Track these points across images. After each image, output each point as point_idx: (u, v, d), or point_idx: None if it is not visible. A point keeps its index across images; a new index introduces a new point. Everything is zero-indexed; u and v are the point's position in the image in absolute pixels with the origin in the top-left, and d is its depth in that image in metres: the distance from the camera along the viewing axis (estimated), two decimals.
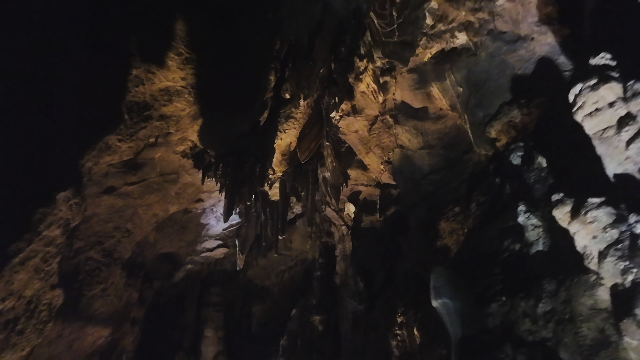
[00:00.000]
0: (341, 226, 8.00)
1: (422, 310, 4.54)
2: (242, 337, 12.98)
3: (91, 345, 6.71)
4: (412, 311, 4.73)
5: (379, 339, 5.49)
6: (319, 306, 8.45)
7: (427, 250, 5.23)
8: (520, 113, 4.17)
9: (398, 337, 4.81)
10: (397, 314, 5.03)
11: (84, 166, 4.28)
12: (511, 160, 3.59)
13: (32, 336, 3.64)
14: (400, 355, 4.69)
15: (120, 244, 6.71)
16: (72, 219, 3.90)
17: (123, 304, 7.09)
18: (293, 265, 11.46)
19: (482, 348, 2.65)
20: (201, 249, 9.74)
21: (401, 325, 4.81)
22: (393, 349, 4.87)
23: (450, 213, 4.85)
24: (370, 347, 5.65)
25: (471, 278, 3.28)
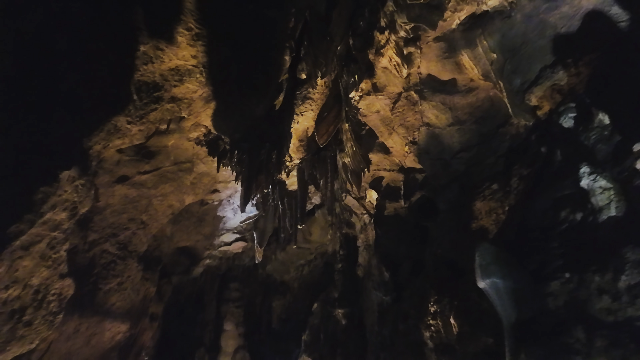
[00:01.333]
0: (363, 215, 7.62)
1: (459, 298, 4.13)
2: (262, 334, 12.79)
3: (109, 341, 6.55)
4: (447, 299, 4.32)
5: (409, 330, 5.09)
6: (341, 299, 8.09)
7: (461, 233, 4.81)
8: (567, 74, 3.72)
9: (432, 327, 4.41)
10: (429, 303, 4.63)
11: (92, 149, 4.04)
12: (562, 124, 3.15)
13: (42, 328, 3.42)
14: (435, 346, 4.29)
15: (136, 236, 6.52)
16: (80, 203, 3.66)
17: (140, 298, 6.90)
18: (313, 259, 11.14)
19: (544, 333, 2.25)
20: (219, 242, 9.53)
21: (435, 314, 4.41)
22: (426, 341, 4.48)
23: (487, 191, 4.42)
24: (399, 339, 5.26)
25: (521, 256, 2.87)
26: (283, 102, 6.48)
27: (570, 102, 3.20)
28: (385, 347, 5.67)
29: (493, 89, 4.77)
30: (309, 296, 11.50)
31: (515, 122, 4.45)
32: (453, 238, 4.99)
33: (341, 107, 6.43)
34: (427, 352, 4.46)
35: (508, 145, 4.54)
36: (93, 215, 5.87)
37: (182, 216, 7.82)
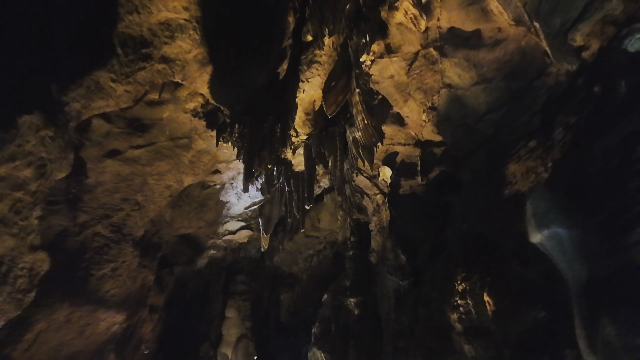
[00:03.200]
0: (375, 195, 7.05)
1: (493, 272, 3.56)
2: (270, 328, 12.28)
3: (105, 332, 6.09)
4: (477, 275, 3.75)
5: (432, 315, 4.53)
6: (353, 288, 7.54)
7: (491, 204, 4.23)
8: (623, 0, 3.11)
9: (460, 308, 3.84)
10: (455, 282, 4.06)
11: (70, 106, 3.55)
12: (626, 49, 2.57)
13: (8, 307, 2.93)
14: (465, 329, 3.72)
15: (131, 218, 6.04)
16: (51, 162, 3.16)
17: (137, 286, 6.43)
18: (322, 249, 10.59)
19: (634, 293, 1.68)
20: (223, 231, 9.04)
21: (463, 293, 3.83)
22: (454, 324, 3.91)
23: (522, 151, 3.83)
24: (420, 325, 4.69)
25: (582, 207, 2.29)
26: (287, 70, 5.95)
27: (635, 23, 2.60)
28: (404, 335, 5.10)
29: (525, 37, 4.18)
30: (319, 288, 10.96)
31: (554, 70, 3.86)
32: (481, 210, 4.41)
33: (351, 76, 5.86)
34: (454, 337, 3.90)
35: (545, 99, 3.94)
36: (82, 193, 5.41)
37: (182, 200, 7.33)
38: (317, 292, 10.89)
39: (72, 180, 5.34)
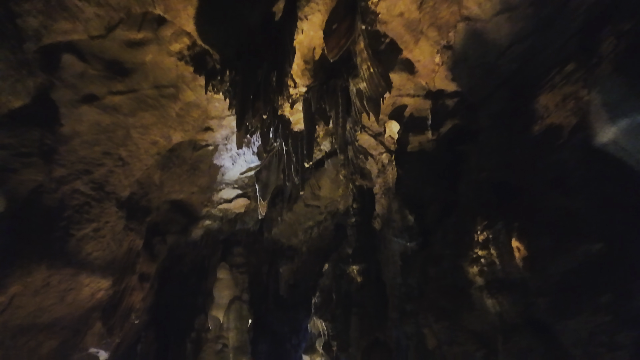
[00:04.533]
0: (381, 155, 6.53)
1: (522, 216, 3.06)
2: (269, 302, 11.96)
3: (89, 298, 5.67)
4: (502, 223, 3.26)
5: (444, 273, 4.07)
6: (356, 255, 7.09)
7: (515, 146, 3.71)
8: None
9: (481, 260, 3.37)
10: (475, 233, 3.57)
11: (24, 20, 2.99)
12: None
13: None
14: (487, 282, 3.27)
15: (114, 175, 5.55)
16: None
17: (124, 251, 5.98)
18: (322, 220, 10.11)
19: None
20: (218, 199, 8.54)
21: (485, 244, 3.36)
22: (473, 278, 3.45)
23: (556, 78, 3.29)
24: (431, 286, 4.24)
25: None
26: (284, 9, 5.34)
27: None
28: (412, 298, 4.67)
29: None
30: (319, 261, 10.59)
31: None
32: (502, 155, 3.90)
33: (355, 18, 5.27)
34: (473, 293, 3.44)
35: (583, 19, 3.37)
36: (58, 145, 4.89)
37: (172, 162, 6.81)
38: (318, 264, 10.52)
39: (46, 130, 4.83)
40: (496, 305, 3.11)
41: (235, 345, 4.88)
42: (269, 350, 11.07)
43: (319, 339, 6.59)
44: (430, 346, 4.02)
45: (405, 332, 4.60)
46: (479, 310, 3.32)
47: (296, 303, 11.30)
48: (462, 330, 3.44)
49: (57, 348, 5.37)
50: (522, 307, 2.93)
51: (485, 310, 3.24)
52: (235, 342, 4.80)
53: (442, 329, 3.72)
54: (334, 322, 6.42)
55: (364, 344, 5.66)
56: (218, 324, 5.30)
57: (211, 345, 4.73)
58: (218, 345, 4.71)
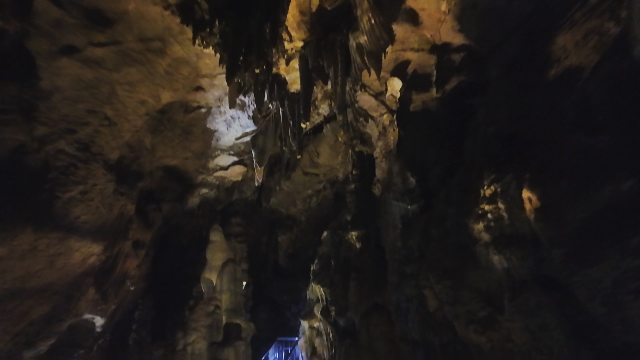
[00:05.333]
0: (382, 116, 6.22)
1: (536, 165, 2.81)
2: (268, 272, 11.94)
3: (80, 263, 5.50)
4: (512, 175, 3.01)
5: (447, 233, 3.87)
6: (355, 221, 6.92)
7: (528, 94, 3.41)
8: None
9: (488, 215, 3.15)
10: (481, 188, 3.33)
11: None
12: None
13: None
14: (494, 238, 3.06)
15: (100, 135, 5.27)
16: None
17: (115, 215, 5.77)
18: (321, 189, 9.91)
19: None
20: (214, 166, 8.28)
21: (493, 198, 3.13)
22: (478, 235, 3.24)
23: (577, 15, 2.94)
24: (432, 246, 4.04)
25: None
26: None
27: None
28: (413, 260, 4.49)
29: None
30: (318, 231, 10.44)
31: None
32: (514, 105, 3.60)
33: None
34: (479, 250, 3.24)
35: None
36: (37, 101, 4.60)
37: (163, 125, 6.52)
38: (317, 234, 10.38)
39: (24, 85, 4.53)
40: (503, 262, 2.91)
41: (228, 308, 4.75)
42: (269, 319, 11.14)
43: (318, 304, 6.50)
44: (431, 307, 3.87)
45: (405, 295, 4.45)
46: (485, 268, 3.13)
47: (295, 272, 11.27)
48: (466, 289, 3.27)
49: (49, 313, 5.25)
50: (532, 263, 2.73)
51: (491, 267, 3.05)
52: (229, 305, 4.67)
53: (444, 289, 3.55)
54: (332, 288, 6.31)
55: (362, 308, 5.55)
56: (211, 286, 5.17)
57: (203, 307, 4.60)
58: (210, 307, 4.58)
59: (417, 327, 4.18)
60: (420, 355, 4.10)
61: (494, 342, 2.96)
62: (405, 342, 4.59)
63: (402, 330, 4.70)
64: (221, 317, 4.56)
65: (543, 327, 2.62)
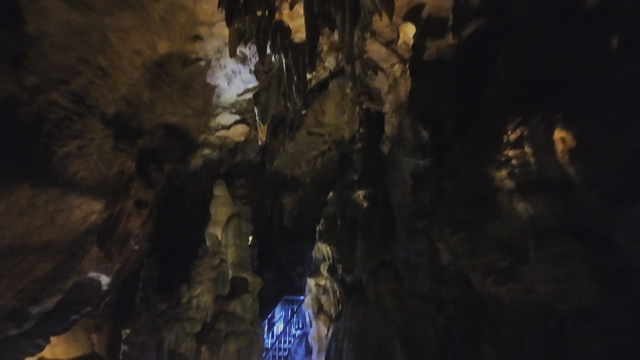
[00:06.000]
0: (392, 68, 5.86)
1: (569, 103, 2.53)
2: (274, 234, 11.94)
3: (82, 221, 5.39)
4: (541, 115, 2.74)
5: (463, 184, 3.66)
6: (362, 180, 6.72)
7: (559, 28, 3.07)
8: None
9: (512, 161, 2.91)
10: (504, 134, 3.07)
11: None
12: None
13: None
14: (519, 185, 2.84)
15: (95, 87, 4.99)
16: None
17: (115, 172, 5.60)
18: (326, 150, 9.62)
19: None
20: (215, 125, 8.01)
21: (519, 142, 2.88)
22: (500, 183, 3.02)
23: None
24: (447, 199, 3.84)
25: None
26: None
27: None
28: (424, 215, 4.31)
29: None
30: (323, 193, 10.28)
31: None
32: (540, 46, 3.26)
33: None
34: (500, 199, 3.03)
35: None
36: (25, 47, 4.30)
37: (161, 79, 6.20)
38: (322, 196, 10.22)
39: (9, 30, 4.22)
40: (529, 209, 2.71)
41: (234, 262, 4.65)
42: (274, 279, 11.26)
43: (324, 262, 6.43)
44: (444, 261, 3.74)
45: (415, 250, 4.32)
46: (506, 217, 2.94)
47: (300, 234, 11.25)
48: (484, 240, 3.10)
49: (52, 270, 5.20)
50: (561, 209, 2.53)
51: (514, 216, 2.86)
52: (235, 259, 4.57)
53: (459, 241, 3.39)
54: (338, 246, 6.21)
55: (370, 265, 5.46)
56: (216, 241, 5.05)
57: (208, 261, 4.50)
58: (215, 261, 4.47)
59: (427, 282, 4.07)
60: (430, 309, 4.02)
61: (515, 293, 2.82)
62: (414, 298, 4.51)
63: (411, 285, 4.61)
64: (227, 271, 4.47)
65: (571, 276, 2.46)
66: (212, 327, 3.88)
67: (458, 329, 3.62)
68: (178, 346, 3.81)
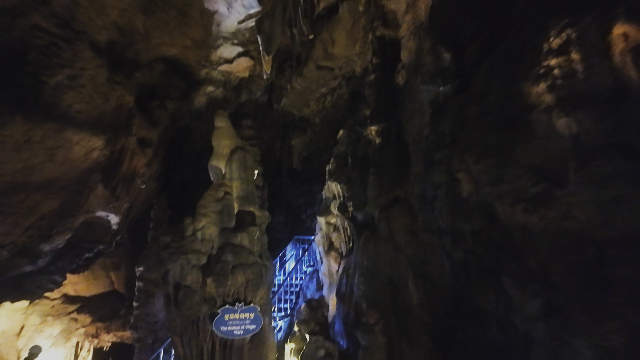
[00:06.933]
0: None
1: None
2: (284, 176, 11.79)
3: (83, 158, 5.18)
4: (593, 14, 2.27)
5: (490, 108, 3.27)
6: (374, 115, 6.30)
7: None
8: None
9: (554, 72, 2.49)
10: (545, 41, 2.61)
11: None
12: None
13: None
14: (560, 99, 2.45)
15: (80, 10, 4.54)
16: None
17: (112, 107, 5.29)
18: (336, 87, 9.07)
19: None
20: (217, 58, 7.50)
21: (563, 48, 2.44)
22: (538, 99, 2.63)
23: None
24: (470, 125, 3.47)
25: None
26: None
27: None
28: (443, 145, 3.96)
29: None
30: (333, 134, 9.89)
31: None
32: None
33: None
34: (536, 117, 2.65)
35: None
36: None
37: (155, 4, 5.65)
38: (332, 137, 9.85)
39: None
40: (572, 126, 2.35)
41: (240, 195, 4.46)
42: (285, 221, 11.28)
43: (334, 201, 6.25)
44: (464, 193, 3.46)
45: (432, 183, 4.04)
46: (542, 138, 2.59)
47: (310, 176, 11.05)
48: (514, 165, 2.78)
49: (58, 208, 5.12)
50: (611, 124, 2.17)
51: (552, 135, 2.51)
52: (241, 192, 4.38)
53: (483, 169, 3.08)
54: (349, 184, 5.97)
55: (382, 201, 5.24)
56: (220, 174, 4.84)
57: (211, 194, 4.32)
58: (219, 193, 4.29)
59: (444, 216, 3.84)
60: (447, 243, 3.83)
61: (547, 221, 2.56)
62: (428, 232, 4.32)
63: (425, 220, 4.40)
64: (232, 204, 4.30)
65: (618, 199, 2.17)
66: (219, 259, 3.78)
67: (476, 263, 3.44)
68: (183, 278, 3.73)
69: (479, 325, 3.38)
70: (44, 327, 8.76)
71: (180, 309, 3.73)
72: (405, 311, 4.51)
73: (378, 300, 4.75)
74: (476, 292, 3.39)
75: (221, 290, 3.64)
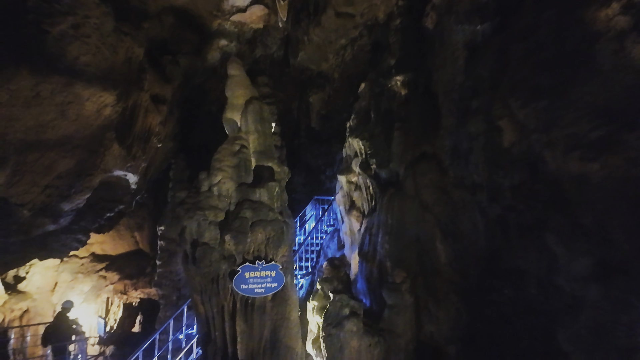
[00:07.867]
0: None
1: None
2: (302, 137, 11.47)
3: (95, 115, 4.99)
4: None
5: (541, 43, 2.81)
6: (400, 65, 5.81)
7: None
8: None
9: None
10: None
11: None
12: None
13: None
14: (635, 23, 2.01)
15: None
16: None
17: (122, 59, 5.01)
18: (357, 37, 8.42)
19: None
20: (230, 8, 7.03)
21: None
22: (605, 26, 2.18)
23: None
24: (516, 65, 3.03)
25: None
26: None
27: None
28: (481, 91, 3.54)
29: None
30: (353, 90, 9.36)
31: None
32: None
33: None
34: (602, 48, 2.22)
35: None
36: None
37: None
38: (352, 94, 9.33)
39: None
40: None
41: (257, 150, 4.22)
42: (304, 182, 11.09)
43: (356, 158, 5.95)
44: (505, 143, 3.11)
45: (468, 134, 3.67)
46: (610, 72, 2.19)
47: (329, 136, 10.68)
48: (570, 107, 2.40)
49: (74, 167, 5.02)
50: None
51: (621, 69, 2.10)
52: (258, 146, 4.13)
53: (532, 113, 2.70)
54: (372, 140, 5.63)
55: (408, 157, 4.91)
56: (235, 127, 4.58)
57: (226, 147, 4.09)
58: (235, 147, 4.05)
59: (480, 170, 3.51)
60: (482, 200, 3.53)
61: (611, 169, 2.22)
62: (460, 189, 4.00)
63: (457, 176, 4.07)
64: (249, 158, 4.06)
65: None
66: (237, 215, 3.60)
67: (516, 220, 3.15)
68: (200, 235, 3.60)
69: (516, 286, 3.15)
70: (75, 284, 9.14)
71: (199, 267, 3.64)
72: (432, 271, 4.32)
73: (403, 259, 4.55)
74: (514, 250, 3.13)
75: (240, 248, 3.49)
